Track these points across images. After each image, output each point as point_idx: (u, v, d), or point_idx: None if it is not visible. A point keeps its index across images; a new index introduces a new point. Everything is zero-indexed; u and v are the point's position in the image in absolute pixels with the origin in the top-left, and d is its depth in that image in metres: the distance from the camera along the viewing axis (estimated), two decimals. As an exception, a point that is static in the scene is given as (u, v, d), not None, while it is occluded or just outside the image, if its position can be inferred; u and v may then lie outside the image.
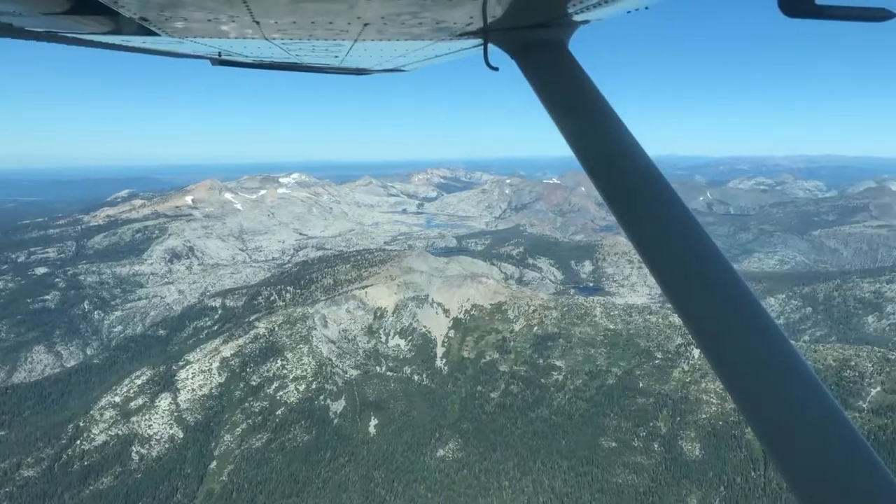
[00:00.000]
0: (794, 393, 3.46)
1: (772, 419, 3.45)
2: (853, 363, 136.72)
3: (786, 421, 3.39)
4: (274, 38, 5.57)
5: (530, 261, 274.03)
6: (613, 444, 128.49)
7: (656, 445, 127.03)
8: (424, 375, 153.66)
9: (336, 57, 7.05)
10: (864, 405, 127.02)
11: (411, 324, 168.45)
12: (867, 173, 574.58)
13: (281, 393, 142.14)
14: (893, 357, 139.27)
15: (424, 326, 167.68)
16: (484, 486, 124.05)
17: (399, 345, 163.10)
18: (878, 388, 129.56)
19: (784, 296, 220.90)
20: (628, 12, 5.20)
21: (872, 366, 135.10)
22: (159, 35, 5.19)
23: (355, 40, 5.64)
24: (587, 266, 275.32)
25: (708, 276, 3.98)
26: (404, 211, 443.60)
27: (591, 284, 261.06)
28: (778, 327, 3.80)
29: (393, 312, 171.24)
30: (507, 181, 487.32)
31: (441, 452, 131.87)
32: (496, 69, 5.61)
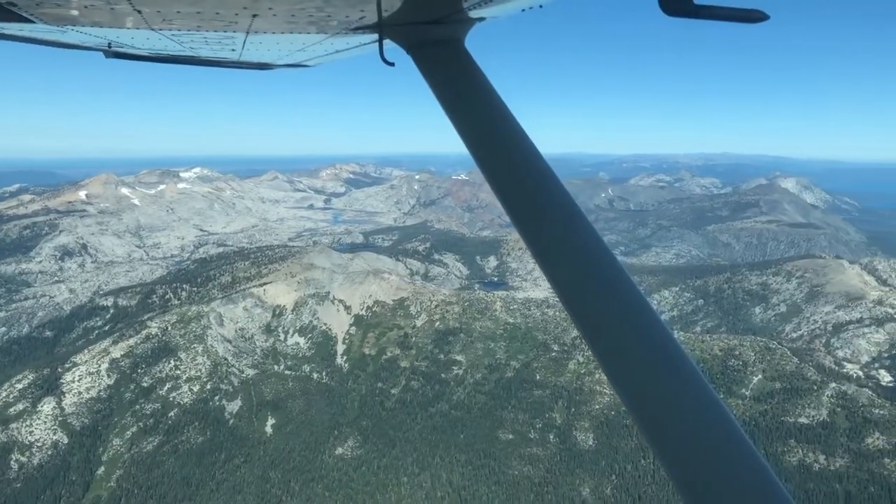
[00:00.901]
0: (676, 388, 3.51)
1: (655, 414, 3.49)
2: (737, 352, 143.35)
3: (668, 415, 3.44)
4: (162, 30, 5.33)
5: (436, 256, 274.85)
6: (511, 437, 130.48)
7: (552, 436, 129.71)
8: (324, 373, 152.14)
9: (233, 50, 6.82)
10: (747, 392, 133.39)
11: (311, 321, 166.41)
12: (760, 170, 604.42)
13: (174, 394, 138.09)
14: (774, 346, 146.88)
15: (325, 324, 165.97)
16: (382, 482, 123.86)
17: (298, 343, 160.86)
18: (760, 376, 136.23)
19: (678, 288, 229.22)
20: (523, 10, 5.29)
21: (755, 355, 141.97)
22: (35, 22, 4.89)
23: (247, 32, 5.47)
24: (492, 261, 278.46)
25: (594, 272, 4.02)
26: (311, 206, 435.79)
27: (495, 279, 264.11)
28: (662, 323, 3.82)
29: (292, 310, 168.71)
30: (417, 177, 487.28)
31: (339, 450, 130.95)
32: (392, 64, 5.57)
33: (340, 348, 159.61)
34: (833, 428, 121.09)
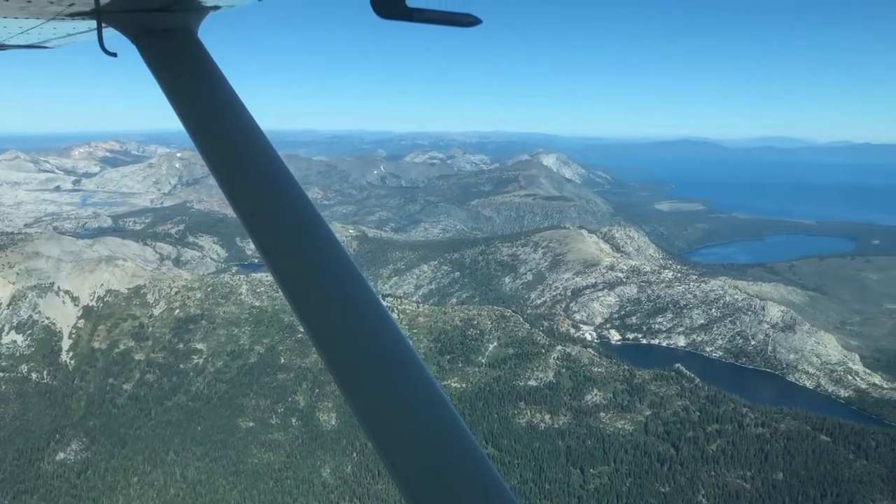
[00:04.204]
0: (401, 387, 3.49)
1: (371, 404, 3.48)
2: (476, 322, 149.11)
3: (384, 406, 3.53)
4: None
5: (191, 239, 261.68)
6: (251, 424, 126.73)
7: (294, 420, 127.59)
8: (45, 373, 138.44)
9: None
10: (483, 360, 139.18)
11: (31, 316, 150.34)
12: (526, 147, 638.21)
13: None
14: (509, 314, 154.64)
15: (48, 318, 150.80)
16: (110, 485, 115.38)
17: (15, 341, 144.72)
18: (495, 343, 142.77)
19: (436, 262, 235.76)
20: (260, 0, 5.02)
21: (491, 323, 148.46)
22: None
23: None
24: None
25: (321, 265, 3.94)
26: (57, 188, 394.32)
27: (256, 261, 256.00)
28: (392, 319, 3.84)
29: (8, 305, 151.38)
30: (179, 154, 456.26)
31: (61, 455, 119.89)
32: (114, 55, 5.07)
33: (66, 344, 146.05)
34: (558, 388, 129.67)
